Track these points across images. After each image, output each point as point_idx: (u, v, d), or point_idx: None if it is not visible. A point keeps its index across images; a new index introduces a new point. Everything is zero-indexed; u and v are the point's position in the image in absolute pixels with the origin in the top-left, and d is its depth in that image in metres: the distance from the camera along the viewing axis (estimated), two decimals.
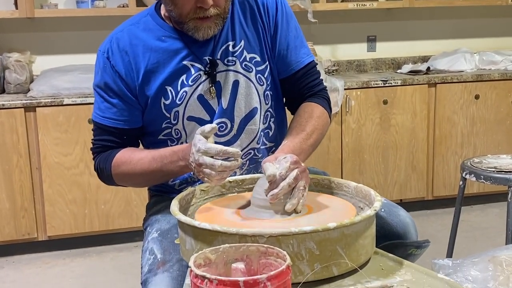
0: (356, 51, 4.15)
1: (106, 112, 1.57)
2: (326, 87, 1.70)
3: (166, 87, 1.55)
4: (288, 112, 1.74)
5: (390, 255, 1.31)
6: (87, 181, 3.25)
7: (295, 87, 1.66)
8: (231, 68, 1.58)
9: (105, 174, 1.58)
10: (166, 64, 1.54)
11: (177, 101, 1.56)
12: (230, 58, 1.58)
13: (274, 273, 0.93)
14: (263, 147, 1.66)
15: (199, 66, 1.56)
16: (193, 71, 1.55)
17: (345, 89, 3.51)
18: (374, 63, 4.17)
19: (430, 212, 3.83)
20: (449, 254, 2.66)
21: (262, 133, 1.65)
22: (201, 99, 1.57)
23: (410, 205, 3.66)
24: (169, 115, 1.57)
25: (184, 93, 1.56)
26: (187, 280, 1.18)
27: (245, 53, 1.59)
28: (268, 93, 1.65)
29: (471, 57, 3.96)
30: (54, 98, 3.18)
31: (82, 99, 3.20)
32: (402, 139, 3.69)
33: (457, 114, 3.75)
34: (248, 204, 1.37)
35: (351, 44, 4.13)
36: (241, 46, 1.58)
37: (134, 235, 3.34)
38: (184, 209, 1.40)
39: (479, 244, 3.26)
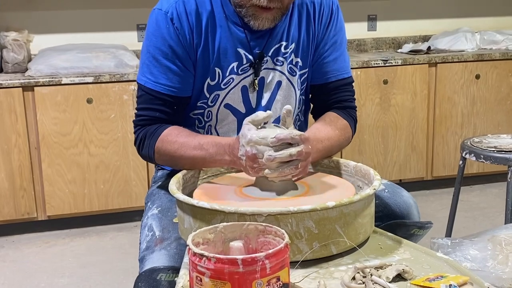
0: (357, 30, 4.12)
1: (160, 77, 1.49)
2: (356, 107, 1.67)
3: (216, 68, 1.52)
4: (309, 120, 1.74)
5: (389, 234, 1.31)
6: (86, 161, 3.24)
7: (325, 97, 1.63)
8: (278, 68, 1.57)
9: (147, 150, 1.50)
10: (224, 44, 1.51)
11: (221, 85, 1.54)
12: (280, 58, 1.56)
13: (273, 251, 0.92)
14: None
15: (251, 57, 1.54)
16: (244, 61, 1.53)
17: None
18: (375, 43, 4.15)
19: (429, 192, 3.83)
20: (448, 234, 2.67)
21: None
22: (244, 90, 1.56)
23: (409, 185, 3.66)
24: (208, 96, 1.55)
25: (231, 80, 1.54)
26: (186, 259, 1.18)
27: (292, 56, 1.58)
28: (302, 97, 1.65)
29: (472, 37, 3.93)
30: (52, 78, 3.15)
31: (81, 79, 3.17)
32: (402, 119, 3.68)
33: (458, 94, 3.73)
34: (247, 182, 1.37)
35: (351, 23, 4.09)
36: (291, 48, 1.57)
37: (133, 215, 3.35)
38: (184, 188, 1.40)
39: (478, 224, 3.26)
